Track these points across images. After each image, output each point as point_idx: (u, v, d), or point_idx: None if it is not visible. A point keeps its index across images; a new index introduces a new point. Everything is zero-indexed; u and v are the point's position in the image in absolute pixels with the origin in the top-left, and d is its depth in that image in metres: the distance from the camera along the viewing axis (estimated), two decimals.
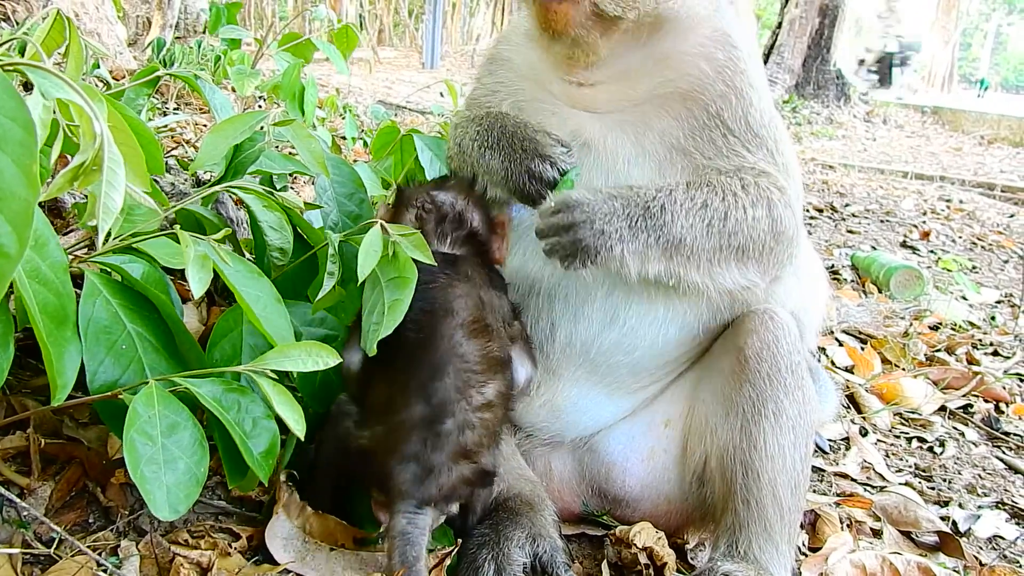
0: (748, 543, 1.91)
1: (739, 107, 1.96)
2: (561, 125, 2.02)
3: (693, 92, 1.96)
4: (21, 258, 1.04)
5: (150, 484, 1.37)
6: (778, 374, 1.89)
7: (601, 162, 2.00)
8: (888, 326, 4.27)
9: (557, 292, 2.03)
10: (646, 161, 1.98)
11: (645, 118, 1.98)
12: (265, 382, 1.45)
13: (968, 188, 11.73)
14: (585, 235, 1.77)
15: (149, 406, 1.41)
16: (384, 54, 24.03)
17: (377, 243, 1.75)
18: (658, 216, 1.81)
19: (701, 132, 1.95)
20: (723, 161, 1.95)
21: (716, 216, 1.85)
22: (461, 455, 1.71)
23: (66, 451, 1.76)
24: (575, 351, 2.04)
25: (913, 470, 2.94)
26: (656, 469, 2.10)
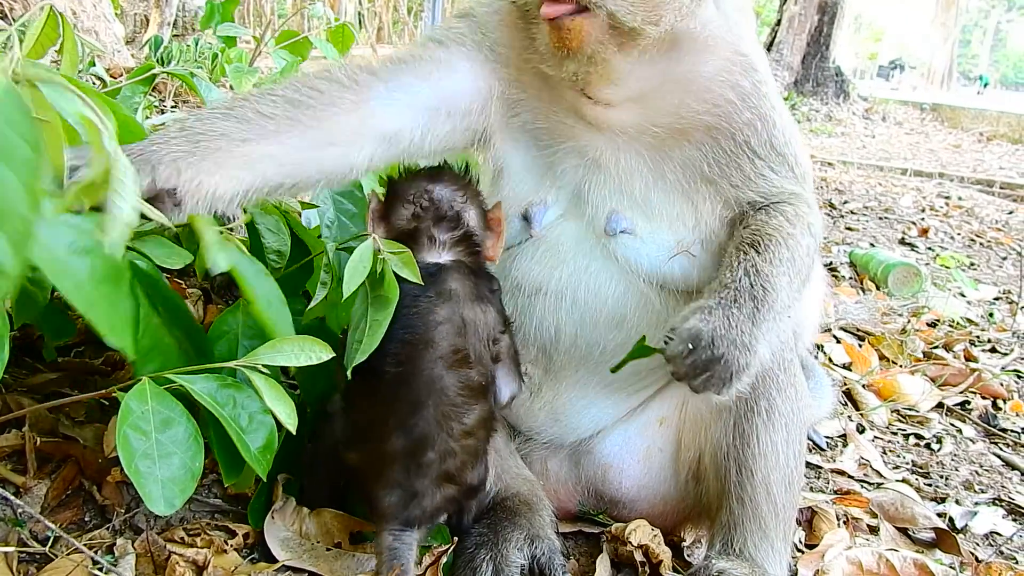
0: (743, 541, 1.91)
1: (764, 132, 1.93)
2: (574, 143, 1.97)
3: (720, 123, 1.91)
4: (19, 277, 1.03)
5: (145, 479, 1.37)
6: (770, 371, 1.89)
7: (614, 184, 1.95)
8: (886, 323, 4.27)
9: (565, 295, 1.99)
10: (667, 188, 1.95)
11: (664, 145, 1.93)
12: (257, 376, 1.45)
13: (967, 185, 11.74)
14: (732, 359, 1.66)
15: (142, 402, 1.41)
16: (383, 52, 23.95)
17: (367, 259, 1.70)
18: (764, 298, 1.75)
19: (728, 160, 1.92)
20: (750, 187, 1.93)
21: (789, 266, 1.82)
22: (445, 479, 1.73)
23: (62, 449, 1.76)
24: (579, 353, 2.02)
25: (910, 467, 2.94)
26: (652, 469, 2.10)
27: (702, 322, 1.69)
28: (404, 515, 1.70)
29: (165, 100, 4.36)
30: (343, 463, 1.78)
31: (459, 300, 1.77)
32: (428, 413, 1.68)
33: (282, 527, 1.82)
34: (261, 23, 15.39)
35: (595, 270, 1.97)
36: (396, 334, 1.68)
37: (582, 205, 1.98)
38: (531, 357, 2.06)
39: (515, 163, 2.06)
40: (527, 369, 2.06)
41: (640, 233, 1.95)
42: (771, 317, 1.75)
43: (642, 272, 1.95)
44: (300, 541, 1.82)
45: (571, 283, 1.97)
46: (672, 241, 1.95)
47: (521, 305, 2.02)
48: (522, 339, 2.03)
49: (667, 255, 1.95)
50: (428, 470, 1.69)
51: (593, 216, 1.97)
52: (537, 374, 2.08)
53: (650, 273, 1.95)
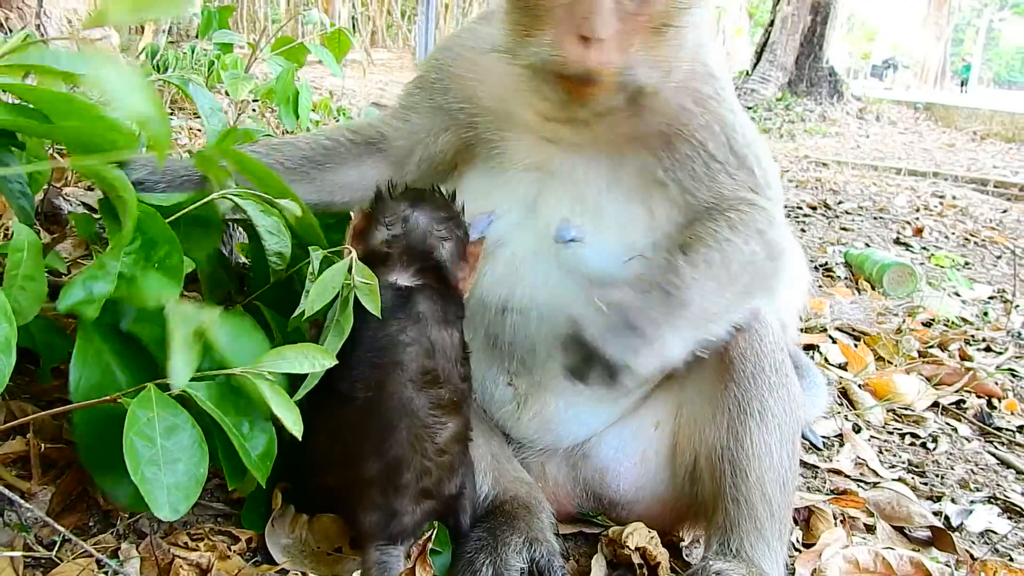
0: (740, 542, 1.93)
1: (722, 134, 1.97)
2: (527, 156, 2.04)
3: (677, 129, 1.96)
4: None
5: (150, 485, 1.38)
6: (762, 373, 1.91)
7: (567, 193, 2.00)
8: (881, 323, 4.30)
9: (531, 310, 2.01)
10: (622, 193, 1.99)
11: (620, 151, 1.98)
12: (262, 383, 1.47)
13: (961, 184, 11.80)
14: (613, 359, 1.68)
15: (147, 409, 1.43)
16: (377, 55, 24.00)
17: (337, 281, 1.71)
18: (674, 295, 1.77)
19: (682, 164, 1.96)
20: (702, 190, 1.96)
21: (720, 270, 1.84)
22: (424, 496, 1.76)
23: (66, 455, 1.77)
24: (556, 365, 2.01)
25: (906, 466, 2.96)
26: (649, 471, 2.12)
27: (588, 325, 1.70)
28: (386, 533, 1.73)
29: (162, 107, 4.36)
30: (322, 484, 1.81)
31: (427, 322, 1.78)
32: (401, 436, 1.70)
33: (282, 534, 1.83)
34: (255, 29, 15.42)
35: (553, 282, 2.00)
36: (365, 358, 1.71)
37: (534, 216, 2.03)
38: (513, 370, 2.09)
39: (467, 177, 2.15)
40: (511, 380, 2.09)
41: (590, 241, 1.98)
42: (676, 322, 1.76)
43: (593, 279, 1.96)
44: (301, 547, 1.84)
45: (534, 297, 2.01)
46: (623, 246, 1.98)
47: (492, 322, 2.05)
48: (500, 354, 2.07)
49: (620, 261, 1.97)
50: (406, 490, 1.72)
51: (545, 227, 2.01)
52: (522, 385, 2.10)
53: (604, 280, 1.94)
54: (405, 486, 1.72)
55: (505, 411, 2.14)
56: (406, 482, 1.72)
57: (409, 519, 1.75)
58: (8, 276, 1.56)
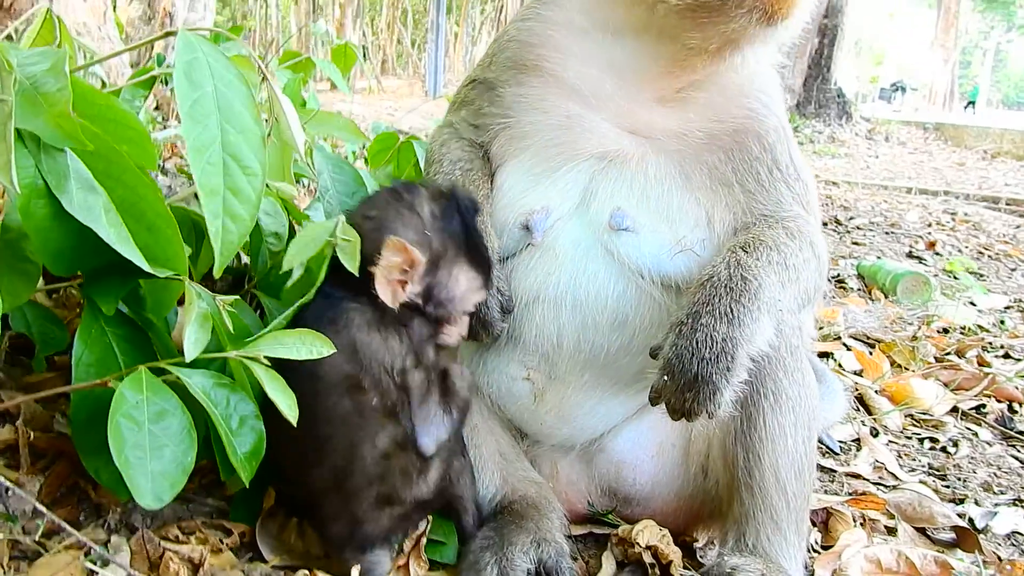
0: (756, 535, 1.86)
1: (786, 142, 1.98)
2: (596, 144, 1.97)
3: (751, 126, 1.95)
4: None
5: (134, 470, 1.32)
6: (776, 354, 1.84)
7: (627, 184, 1.95)
8: (896, 331, 4.22)
9: (564, 299, 1.95)
10: (688, 189, 1.95)
11: (696, 150, 1.95)
12: (257, 367, 1.41)
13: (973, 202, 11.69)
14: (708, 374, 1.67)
15: (137, 391, 1.37)
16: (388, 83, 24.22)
17: (318, 238, 1.68)
18: (744, 288, 1.75)
19: (750, 165, 1.95)
20: (762, 196, 1.95)
21: (781, 269, 1.83)
22: (384, 502, 1.68)
23: (56, 445, 1.72)
24: (583, 357, 1.97)
25: (926, 469, 2.87)
26: (665, 464, 2.05)
27: (671, 348, 1.72)
28: (354, 542, 1.67)
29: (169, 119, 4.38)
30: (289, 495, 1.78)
31: (350, 328, 1.65)
32: (335, 443, 1.63)
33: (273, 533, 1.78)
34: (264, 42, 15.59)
35: (594, 271, 1.94)
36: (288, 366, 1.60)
37: (585, 206, 1.96)
38: (533, 364, 2.02)
39: (514, 173, 2.06)
40: (529, 375, 2.02)
41: (642, 231, 1.92)
42: (754, 308, 1.73)
43: (643, 270, 1.92)
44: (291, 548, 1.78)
45: (570, 286, 1.94)
46: (674, 240, 1.93)
47: (518, 315, 1.98)
48: (521, 347, 2.00)
49: (669, 253, 1.92)
50: (360, 496, 1.65)
51: (597, 216, 1.94)
52: (540, 380, 2.03)
53: (651, 271, 1.92)
54: (355, 493, 1.64)
55: (520, 405, 2.07)
56: (355, 488, 1.64)
57: (374, 527, 1.68)
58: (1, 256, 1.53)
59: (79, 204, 1.41)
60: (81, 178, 1.43)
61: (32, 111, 1.33)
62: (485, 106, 2.12)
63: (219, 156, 1.35)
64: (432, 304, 1.73)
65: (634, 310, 1.94)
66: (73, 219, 1.40)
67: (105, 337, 1.54)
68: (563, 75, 2.01)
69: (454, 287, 1.75)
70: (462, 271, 1.75)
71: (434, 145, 2.22)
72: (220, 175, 1.36)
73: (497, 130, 2.09)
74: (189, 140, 1.33)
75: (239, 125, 1.36)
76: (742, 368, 1.72)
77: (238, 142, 1.37)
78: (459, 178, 2.07)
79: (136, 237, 1.48)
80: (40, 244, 1.43)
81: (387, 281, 1.66)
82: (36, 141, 1.39)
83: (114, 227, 1.44)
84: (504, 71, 2.09)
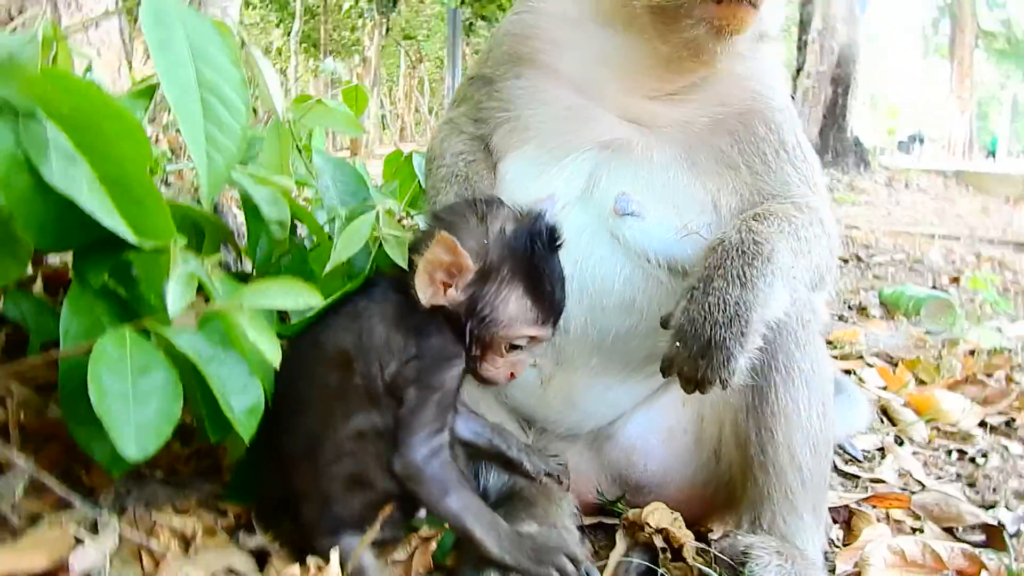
0: (771, 516, 1.79)
1: (792, 122, 1.99)
2: (598, 133, 1.96)
3: (756, 107, 1.95)
4: None
5: (117, 420, 1.28)
6: (787, 327, 1.79)
7: (632, 169, 1.94)
8: (920, 348, 4.12)
9: (571, 284, 1.88)
10: (694, 174, 1.94)
11: (701, 135, 1.95)
12: (240, 314, 1.38)
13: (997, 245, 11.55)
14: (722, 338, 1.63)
15: (120, 347, 1.35)
16: (406, 148, 24.54)
17: (364, 232, 1.75)
18: (757, 251, 1.71)
19: (756, 147, 1.93)
20: (769, 177, 1.93)
21: (792, 238, 1.80)
22: (353, 483, 1.63)
23: (48, 427, 1.69)
24: (591, 342, 1.94)
25: (954, 478, 2.77)
26: (677, 450, 1.99)
27: (683, 314, 1.68)
28: (323, 525, 1.62)
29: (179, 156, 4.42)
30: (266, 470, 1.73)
31: (368, 316, 1.67)
32: (315, 411, 1.63)
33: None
34: None
35: (600, 255, 1.91)
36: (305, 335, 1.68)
37: (590, 192, 1.95)
38: (541, 350, 1.98)
39: (518, 163, 2.05)
40: (535, 361, 1.98)
41: (648, 216, 1.90)
42: (768, 272, 1.69)
43: (649, 254, 1.90)
44: None
45: (577, 271, 1.90)
46: (681, 223, 1.90)
47: None
48: None
49: (675, 236, 1.90)
50: (330, 472, 1.61)
51: (602, 201, 1.93)
52: (547, 365, 1.99)
53: (658, 255, 1.90)
54: (326, 467, 1.61)
55: (527, 391, 2.03)
56: (325, 462, 1.61)
57: (343, 509, 1.62)
58: None
59: (60, 175, 1.38)
60: (61, 149, 1.40)
61: (5, 78, 1.34)
62: (484, 100, 2.13)
63: (195, 89, 1.32)
64: (475, 320, 1.66)
65: (641, 293, 1.90)
66: (55, 192, 1.38)
67: (94, 310, 1.52)
68: (560, 67, 2.01)
69: (501, 308, 1.65)
70: (514, 294, 1.66)
71: (435, 142, 2.23)
72: (198, 103, 1.32)
73: (498, 123, 2.09)
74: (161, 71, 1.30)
75: (215, 65, 1.33)
76: (756, 334, 1.67)
77: (216, 80, 1.34)
78: (463, 170, 2.07)
79: (122, 210, 1.45)
80: (23, 218, 1.40)
81: (429, 277, 1.63)
82: (15, 113, 1.38)
83: (97, 198, 1.42)
84: (501, 65, 2.10)
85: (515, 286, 1.66)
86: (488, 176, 2.08)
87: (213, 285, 1.47)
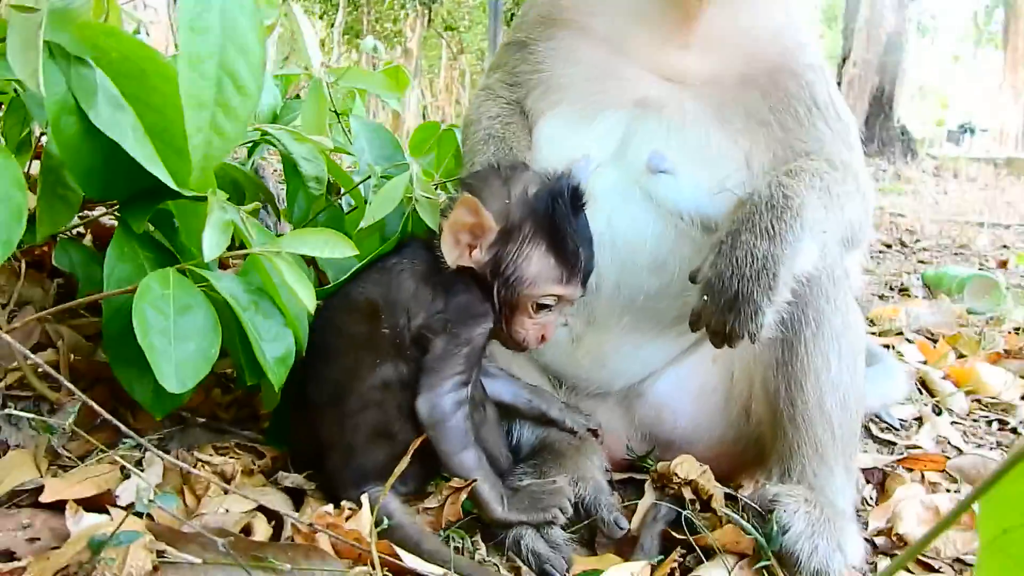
0: (801, 469, 1.79)
1: (824, 80, 1.97)
2: (631, 91, 1.98)
3: (785, 63, 1.95)
4: None
5: (159, 355, 1.35)
6: (817, 283, 1.78)
7: (665, 128, 1.95)
8: (962, 326, 4.05)
9: (603, 243, 1.91)
10: (725, 132, 1.94)
11: (732, 92, 1.94)
12: (278, 259, 1.43)
13: None
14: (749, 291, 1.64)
15: (164, 286, 1.41)
16: None
17: (398, 193, 1.82)
18: (786, 205, 1.71)
19: (787, 104, 1.93)
20: (801, 134, 1.93)
21: (823, 194, 1.80)
22: (378, 435, 1.66)
23: (95, 370, 1.76)
24: (622, 300, 1.95)
25: (993, 446, 2.73)
26: (707, 408, 2.00)
27: (711, 267, 1.69)
28: (347, 475, 1.65)
29: None
30: None
31: (400, 272, 1.72)
32: (342, 360, 1.67)
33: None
34: None
35: (632, 214, 1.93)
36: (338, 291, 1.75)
37: (623, 151, 1.96)
38: (571, 309, 2.00)
39: (552, 124, 2.07)
40: (566, 320, 2.00)
41: (680, 173, 1.91)
42: (796, 226, 1.69)
43: (682, 212, 1.90)
44: None
45: (608, 230, 1.92)
46: (714, 182, 1.91)
47: None
48: None
49: (707, 194, 1.90)
50: (355, 422, 1.64)
51: (635, 159, 1.94)
52: (578, 324, 2.01)
53: (690, 212, 1.90)
54: (350, 416, 1.64)
55: (558, 350, 2.04)
56: (350, 411, 1.64)
57: (368, 460, 1.66)
58: (43, 182, 1.60)
59: (107, 120, 1.45)
60: (109, 95, 1.48)
61: (60, 25, 1.40)
62: (519, 64, 2.15)
63: (215, 71, 1.33)
64: (500, 280, 1.69)
65: (673, 252, 1.91)
66: (102, 137, 1.44)
67: (137, 256, 1.59)
68: (592, 25, 2.03)
69: (524, 266, 1.68)
70: (536, 252, 1.69)
71: (471, 108, 2.26)
72: (212, 89, 1.33)
73: (532, 85, 2.11)
74: (184, 51, 1.31)
75: (241, 44, 1.34)
76: (784, 287, 1.68)
77: (237, 60, 1.36)
78: (500, 131, 2.09)
79: (164, 159, 1.52)
80: (71, 162, 1.47)
81: (454, 238, 1.67)
82: (67, 58, 1.45)
83: (140, 144, 1.49)
84: (534, 28, 2.13)
85: (537, 244, 1.68)
86: (524, 138, 2.10)
87: (248, 232, 1.52)
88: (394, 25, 22.26)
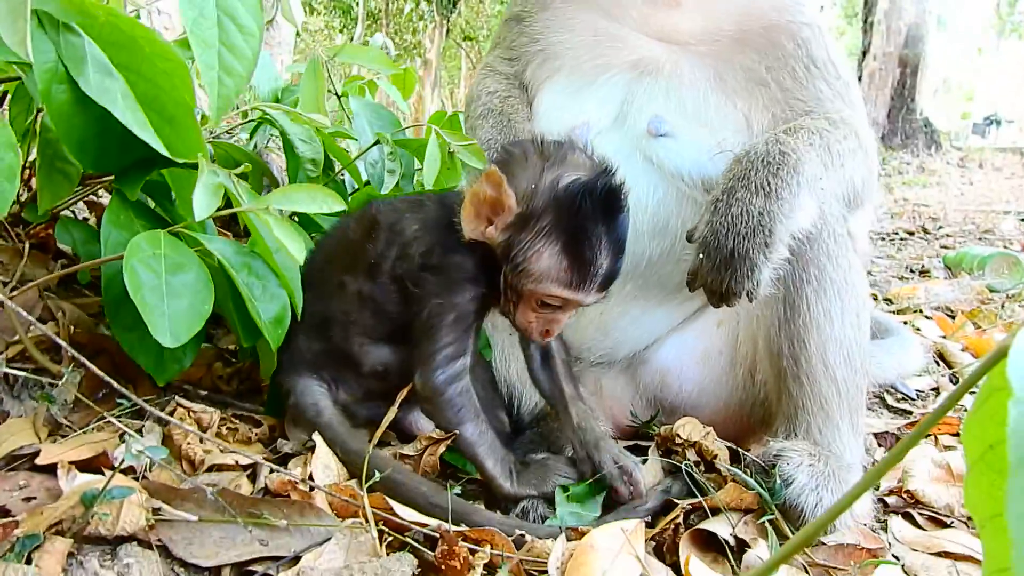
0: (806, 426, 1.77)
1: (822, 38, 1.95)
2: (627, 54, 1.97)
3: (781, 20, 1.93)
4: None
5: (152, 311, 1.35)
6: (818, 239, 1.76)
7: (664, 91, 1.94)
8: (982, 302, 3.99)
9: None
10: (723, 92, 1.93)
11: (727, 52, 1.93)
12: (268, 215, 1.44)
13: None
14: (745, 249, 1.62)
15: (155, 246, 1.42)
16: None
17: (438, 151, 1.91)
18: (782, 161, 1.69)
19: (785, 63, 1.91)
20: (800, 92, 1.91)
21: (822, 151, 1.77)
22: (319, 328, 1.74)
23: (96, 342, 1.78)
24: (625, 268, 1.91)
25: None
26: (712, 371, 1.98)
27: (706, 225, 1.67)
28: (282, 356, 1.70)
29: None
30: None
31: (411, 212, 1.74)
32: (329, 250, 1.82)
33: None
34: None
35: (634, 178, 1.89)
36: None
37: (623, 116, 1.96)
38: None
39: (551, 93, 2.07)
40: None
41: (681, 136, 1.91)
42: (793, 182, 1.67)
43: (683, 174, 1.90)
44: None
45: None
46: (714, 144, 1.90)
47: None
48: None
49: (708, 156, 1.89)
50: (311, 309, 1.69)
51: (635, 123, 1.94)
52: None
53: (691, 174, 1.89)
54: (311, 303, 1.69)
55: None
56: (311, 299, 1.69)
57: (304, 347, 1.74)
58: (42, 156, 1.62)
59: (97, 87, 1.45)
60: (98, 63, 1.48)
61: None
62: (516, 38, 2.16)
63: (213, 11, 1.37)
64: (509, 266, 1.57)
65: (675, 215, 1.91)
66: (94, 108, 1.45)
67: (132, 224, 1.60)
68: None
69: (534, 260, 1.54)
70: (549, 250, 1.54)
71: (473, 87, 2.27)
72: (215, 29, 1.37)
73: (529, 57, 2.12)
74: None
75: None
76: (781, 244, 1.66)
77: (234, 3, 1.39)
78: (498, 105, 2.10)
79: (156, 129, 1.52)
80: (64, 132, 1.47)
81: (475, 209, 1.57)
82: (56, 26, 1.46)
83: (131, 111, 1.49)
84: (529, 2, 2.14)
85: (552, 241, 1.54)
86: (523, 110, 2.10)
87: (239, 194, 1.53)
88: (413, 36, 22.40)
